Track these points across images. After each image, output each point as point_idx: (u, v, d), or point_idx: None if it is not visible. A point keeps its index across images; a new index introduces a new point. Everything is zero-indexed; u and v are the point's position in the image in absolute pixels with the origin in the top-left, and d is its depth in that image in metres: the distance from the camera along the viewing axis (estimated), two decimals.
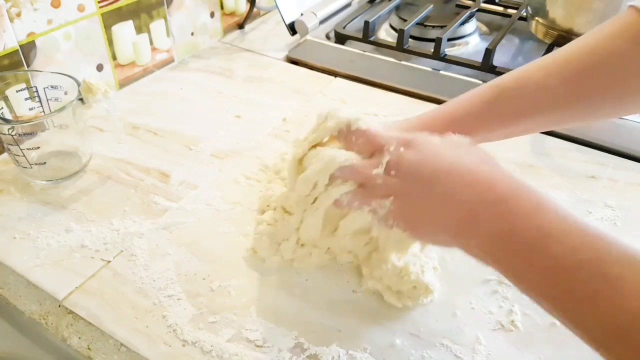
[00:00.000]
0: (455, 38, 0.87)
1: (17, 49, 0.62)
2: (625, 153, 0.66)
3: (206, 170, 0.63)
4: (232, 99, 0.76)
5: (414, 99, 0.76)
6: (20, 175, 0.61)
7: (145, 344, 0.44)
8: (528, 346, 0.44)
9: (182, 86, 0.80)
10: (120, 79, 0.77)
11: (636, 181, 0.61)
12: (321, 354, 0.43)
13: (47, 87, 0.59)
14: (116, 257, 0.51)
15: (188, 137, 0.68)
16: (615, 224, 0.56)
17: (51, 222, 0.55)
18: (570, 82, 0.43)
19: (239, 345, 0.43)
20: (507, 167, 0.61)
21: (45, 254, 0.51)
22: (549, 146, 0.67)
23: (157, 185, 0.60)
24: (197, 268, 0.50)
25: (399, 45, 0.82)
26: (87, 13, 0.69)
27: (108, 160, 0.64)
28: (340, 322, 0.46)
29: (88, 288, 0.48)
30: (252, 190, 0.60)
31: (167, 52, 0.83)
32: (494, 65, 0.76)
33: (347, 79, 0.82)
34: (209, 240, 0.53)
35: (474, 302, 0.47)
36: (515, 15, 0.88)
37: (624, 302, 0.29)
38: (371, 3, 1.00)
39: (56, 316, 0.47)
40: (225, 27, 0.94)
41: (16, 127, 0.55)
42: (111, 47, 0.74)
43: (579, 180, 0.61)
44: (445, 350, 0.43)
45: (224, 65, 0.85)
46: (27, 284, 0.49)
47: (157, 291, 0.48)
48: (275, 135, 0.69)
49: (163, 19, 0.80)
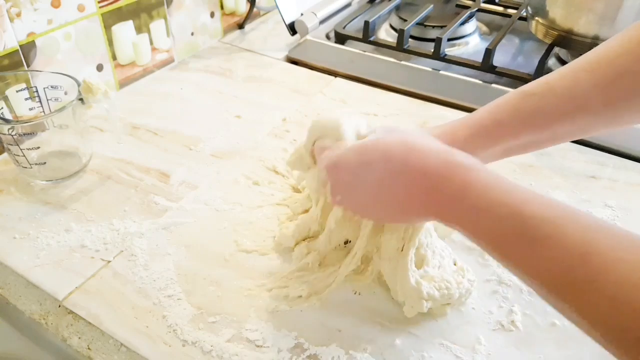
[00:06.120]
0: (455, 38, 0.87)
1: (17, 49, 0.62)
2: (625, 153, 0.66)
3: (206, 170, 0.63)
4: (232, 99, 0.76)
5: (414, 99, 0.76)
6: (20, 175, 0.61)
7: (145, 344, 0.44)
8: (528, 346, 0.44)
9: (182, 86, 0.80)
10: (120, 79, 0.77)
11: (636, 181, 0.61)
12: (321, 354, 0.43)
13: (47, 87, 0.59)
14: (116, 257, 0.51)
15: (188, 137, 0.68)
16: (615, 224, 0.56)
17: (51, 222, 0.55)
18: (599, 88, 0.42)
19: (239, 345, 0.43)
20: (508, 167, 0.62)
21: (45, 254, 0.51)
22: None
23: (157, 185, 0.60)
24: (197, 268, 0.50)
25: (399, 45, 0.82)
26: (87, 13, 0.69)
27: (108, 160, 0.64)
28: (340, 322, 0.45)
29: (88, 288, 0.48)
30: (252, 190, 0.60)
31: (167, 52, 0.83)
32: (494, 65, 0.76)
33: (347, 79, 0.82)
34: (209, 240, 0.53)
35: (474, 302, 0.47)
36: (515, 15, 0.88)
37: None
38: (371, 3, 1.00)
39: (56, 316, 0.47)
40: (225, 27, 0.94)
41: (16, 127, 0.55)
42: (111, 47, 0.74)
43: (579, 180, 0.61)
44: (445, 350, 0.43)
45: (224, 65, 0.85)
46: (27, 284, 0.49)
47: (157, 291, 0.48)
48: (275, 135, 0.69)
49: (163, 19, 0.80)
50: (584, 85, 0.43)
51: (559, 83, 0.44)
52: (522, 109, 0.45)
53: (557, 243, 0.30)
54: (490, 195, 0.34)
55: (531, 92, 0.45)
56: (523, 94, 0.45)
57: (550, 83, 0.44)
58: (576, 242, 0.29)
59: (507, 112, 0.45)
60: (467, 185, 0.36)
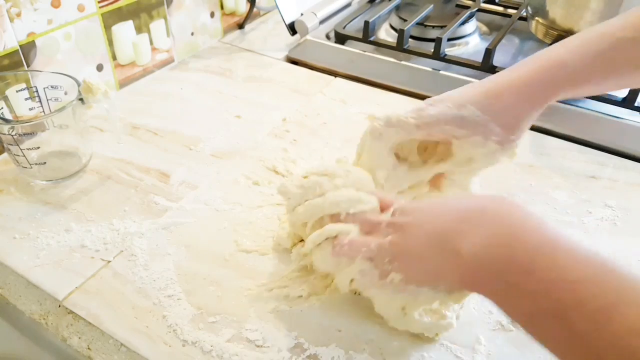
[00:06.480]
0: (455, 38, 0.87)
1: (17, 49, 0.62)
2: (625, 153, 0.66)
3: (206, 171, 0.63)
4: (232, 99, 0.76)
5: (414, 99, 0.76)
6: (20, 175, 0.61)
7: (145, 344, 0.44)
8: (528, 346, 0.44)
9: (182, 86, 0.80)
10: (120, 79, 0.77)
11: (636, 181, 0.61)
12: (321, 354, 0.43)
13: (47, 87, 0.59)
14: (116, 257, 0.51)
15: (188, 137, 0.68)
16: (615, 224, 0.56)
17: (51, 222, 0.55)
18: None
19: (239, 345, 0.43)
20: (508, 168, 0.62)
21: (45, 254, 0.51)
22: (549, 146, 0.67)
23: (157, 185, 0.60)
24: (197, 268, 0.50)
25: (399, 45, 0.82)
26: (87, 13, 0.69)
27: (108, 160, 0.64)
28: (340, 322, 0.45)
29: (88, 288, 0.48)
30: (252, 190, 0.60)
31: (167, 52, 0.83)
32: (494, 65, 0.76)
33: (347, 79, 0.82)
34: (209, 240, 0.53)
35: (473, 302, 0.47)
36: (515, 15, 0.88)
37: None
38: (371, 3, 1.00)
39: (56, 316, 0.47)
40: (225, 27, 0.94)
41: (16, 127, 0.55)
42: (111, 47, 0.74)
43: (579, 180, 0.61)
44: (445, 350, 0.43)
45: (224, 65, 0.85)
46: (27, 284, 0.49)
47: (157, 291, 0.48)
48: (275, 135, 0.69)
49: (163, 19, 0.80)
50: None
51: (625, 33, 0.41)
52: (605, 58, 0.42)
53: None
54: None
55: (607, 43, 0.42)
56: (596, 46, 0.42)
57: (614, 34, 0.42)
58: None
59: (591, 61, 0.42)
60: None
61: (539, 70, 0.42)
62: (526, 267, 0.31)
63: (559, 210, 0.57)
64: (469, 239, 0.34)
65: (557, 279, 0.29)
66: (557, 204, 0.58)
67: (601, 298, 0.27)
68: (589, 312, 0.27)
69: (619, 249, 0.52)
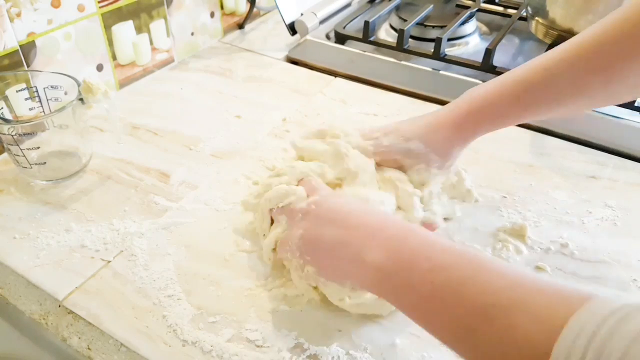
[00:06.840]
0: (455, 38, 0.87)
1: (17, 49, 0.62)
2: (625, 153, 0.66)
3: (206, 170, 0.63)
4: (232, 99, 0.76)
5: (414, 99, 0.76)
6: (20, 175, 0.61)
7: (145, 344, 0.44)
8: None
9: (182, 86, 0.80)
10: (120, 79, 0.77)
11: (636, 181, 0.61)
12: (321, 354, 0.43)
13: (47, 87, 0.59)
14: (116, 257, 0.51)
15: (188, 137, 0.68)
16: (615, 224, 0.56)
17: (51, 222, 0.55)
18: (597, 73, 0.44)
19: (239, 345, 0.43)
20: (508, 168, 0.62)
21: (45, 254, 0.51)
22: (549, 146, 0.67)
23: (157, 185, 0.60)
24: (197, 268, 0.50)
25: (399, 45, 0.82)
26: (87, 13, 0.69)
27: (108, 160, 0.64)
28: (340, 322, 0.45)
29: (88, 288, 0.48)
30: (252, 190, 0.60)
31: (167, 52, 0.83)
32: (494, 65, 0.76)
33: (347, 79, 0.82)
34: (209, 240, 0.53)
35: None
36: (515, 15, 0.88)
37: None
38: (371, 3, 1.00)
39: (56, 316, 0.47)
40: (225, 27, 0.94)
41: (16, 127, 0.55)
42: (111, 47, 0.74)
43: (579, 180, 0.61)
44: (446, 350, 0.43)
45: (224, 65, 0.85)
46: (27, 284, 0.49)
47: (157, 291, 0.48)
48: (275, 135, 0.69)
49: (163, 19, 0.80)
50: (582, 73, 0.45)
51: (557, 70, 0.45)
52: (523, 99, 0.47)
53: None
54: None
55: (532, 82, 0.47)
56: (524, 84, 0.47)
57: (549, 70, 0.46)
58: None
59: (509, 103, 0.48)
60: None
61: (468, 109, 0.49)
62: (409, 266, 0.36)
63: (559, 210, 0.57)
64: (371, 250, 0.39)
65: (432, 269, 0.35)
66: (557, 204, 0.58)
67: (460, 276, 0.34)
68: (454, 285, 0.34)
69: (619, 249, 0.52)
